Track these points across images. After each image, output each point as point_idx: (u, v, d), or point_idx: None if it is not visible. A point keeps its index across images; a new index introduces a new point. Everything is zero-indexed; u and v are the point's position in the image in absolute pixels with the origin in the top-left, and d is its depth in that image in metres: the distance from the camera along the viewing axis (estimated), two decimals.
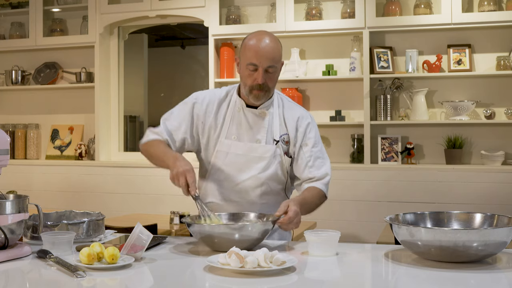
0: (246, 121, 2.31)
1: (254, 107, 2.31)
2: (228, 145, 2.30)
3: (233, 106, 2.33)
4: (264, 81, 2.21)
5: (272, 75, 2.23)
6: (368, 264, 1.91)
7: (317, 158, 2.33)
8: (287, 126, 2.33)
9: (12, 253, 1.84)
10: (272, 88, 2.28)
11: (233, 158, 2.30)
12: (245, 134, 2.30)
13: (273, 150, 2.29)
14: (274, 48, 2.22)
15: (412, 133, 4.42)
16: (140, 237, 1.84)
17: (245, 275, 1.64)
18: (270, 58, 2.20)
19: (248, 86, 2.23)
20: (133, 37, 5.34)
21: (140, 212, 4.59)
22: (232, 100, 2.34)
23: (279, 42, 2.27)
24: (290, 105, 2.39)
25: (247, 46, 2.22)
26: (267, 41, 2.21)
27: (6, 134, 2.04)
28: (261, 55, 2.19)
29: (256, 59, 2.19)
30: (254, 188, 2.29)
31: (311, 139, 2.34)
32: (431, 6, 4.31)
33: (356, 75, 4.38)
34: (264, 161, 2.29)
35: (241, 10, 4.72)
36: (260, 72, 2.20)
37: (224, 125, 2.32)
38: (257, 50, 2.19)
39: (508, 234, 1.73)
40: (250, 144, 2.29)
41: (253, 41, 2.22)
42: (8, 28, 5.29)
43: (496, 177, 4.03)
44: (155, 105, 6.71)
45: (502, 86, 4.28)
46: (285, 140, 2.32)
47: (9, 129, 5.25)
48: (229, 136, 2.31)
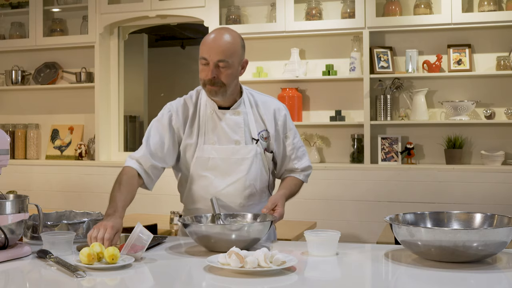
0: (220, 123, 2.28)
1: (226, 108, 2.29)
2: (209, 150, 2.27)
3: (204, 109, 2.30)
4: (215, 76, 2.18)
5: (224, 70, 2.19)
6: (368, 264, 1.91)
7: (299, 148, 2.38)
8: (264, 121, 2.33)
9: (12, 253, 1.84)
10: (228, 84, 2.22)
11: (215, 163, 2.27)
12: (223, 137, 2.28)
13: (254, 149, 2.28)
14: (227, 43, 2.19)
15: (412, 133, 4.42)
16: (141, 237, 1.84)
17: (245, 275, 1.64)
18: (220, 52, 2.17)
19: (202, 80, 2.23)
20: (133, 37, 5.34)
21: (140, 212, 4.59)
22: (202, 103, 2.32)
23: (237, 38, 2.23)
24: (261, 99, 2.37)
25: (202, 41, 2.23)
26: (220, 36, 2.20)
27: (6, 134, 2.04)
28: (210, 48, 2.17)
29: (206, 53, 2.18)
30: (242, 191, 2.28)
31: (291, 130, 2.38)
32: (431, 6, 4.31)
33: (356, 75, 4.38)
34: (247, 162, 2.27)
35: (241, 10, 4.72)
36: (210, 66, 2.18)
37: (200, 130, 2.29)
38: (208, 44, 2.19)
39: (508, 234, 1.73)
40: (231, 147, 2.27)
41: (207, 36, 2.22)
42: (8, 28, 5.29)
43: (496, 177, 4.03)
44: (155, 105, 6.69)
45: (502, 86, 4.28)
46: (264, 136, 2.31)
47: (9, 129, 5.26)
48: (208, 141, 2.28)
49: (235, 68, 2.23)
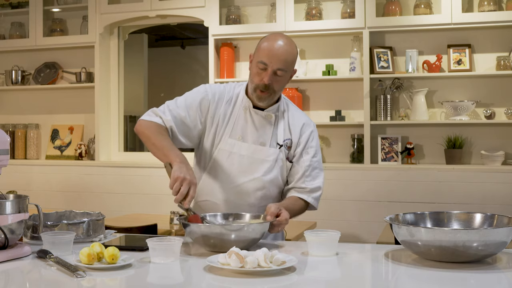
0: (251, 122, 2.29)
1: (260, 109, 2.29)
2: (232, 145, 2.28)
3: (240, 105, 2.30)
4: (271, 83, 2.19)
5: (280, 78, 2.20)
6: (368, 264, 1.91)
7: (315, 168, 2.32)
8: (291, 131, 2.32)
9: (12, 253, 1.84)
10: (277, 91, 2.25)
11: (236, 159, 2.27)
12: (250, 135, 2.28)
13: (276, 153, 2.28)
14: (288, 52, 2.19)
15: (412, 133, 4.42)
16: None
17: (245, 275, 1.64)
18: (282, 60, 2.17)
19: (254, 84, 2.22)
20: (133, 37, 5.34)
21: (140, 212, 4.59)
22: (239, 98, 2.32)
23: (295, 48, 2.24)
24: (295, 111, 2.38)
25: (262, 45, 2.21)
26: (281, 44, 2.19)
27: (6, 134, 2.04)
28: (273, 55, 2.17)
29: (267, 58, 2.17)
30: (255, 191, 2.27)
31: (312, 148, 2.33)
32: (431, 6, 4.31)
33: (356, 75, 4.38)
34: (267, 164, 2.27)
35: (241, 10, 4.72)
36: (268, 72, 2.18)
37: (229, 123, 2.29)
38: (270, 50, 2.18)
39: (508, 234, 1.73)
40: (254, 146, 2.27)
41: (269, 41, 2.21)
42: (8, 28, 5.30)
43: (496, 177, 4.03)
44: (155, 105, 6.66)
45: (502, 86, 4.28)
46: (288, 145, 2.31)
47: (9, 129, 5.26)
48: (234, 136, 2.28)
49: (288, 78, 2.25)
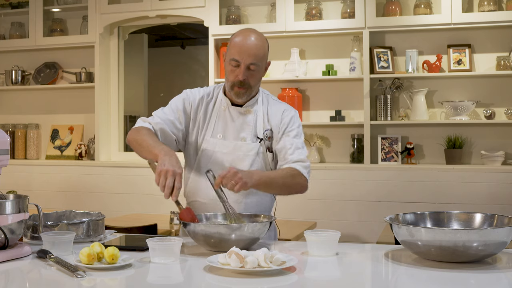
0: (231, 119, 2.33)
1: (239, 106, 2.34)
2: (214, 144, 2.32)
3: (219, 105, 2.36)
4: (245, 78, 2.23)
5: (254, 72, 2.25)
6: (368, 264, 1.91)
7: (297, 148, 2.32)
8: (270, 121, 2.34)
9: (12, 253, 1.84)
10: (254, 86, 2.29)
11: (219, 157, 2.31)
12: (231, 133, 2.33)
13: (257, 148, 2.31)
14: (258, 46, 2.24)
15: (412, 133, 4.42)
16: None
17: (245, 275, 1.64)
18: (252, 55, 2.22)
19: (230, 82, 2.27)
20: (133, 37, 5.34)
21: (140, 212, 4.59)
22: (218, 98, 2.37)
23: (265, 41, 2.29)
24: (275, 102, 2.41)
25: (232, 42, 2.27)
26: (252, 39, 2.24)
27: (6, 134, 2.04)
28: (244, 51, 2.22)
29: (238, 55, 2.22)
30: None
31: (293, 130, 2.34)
32: (431, 6, 4.31)
33: (356, 75, 4.38)
34: (249, 159, 2.30)
35: (241, 10, 4.72)
36: (241, 68, 2.22)
37: (210, 123, 2.34)
38: (241, 46, 2.23)
39: (508, 234, 1.73)
40: (235, 143, 2.31)
41: (238, 38, 2.26)
42: (8, 28, 5.30)
43: (496, 177, 4.03)
44: (155, 105, 6.67)
45: (502, 86, 4.28)
46: (268, 135, 2.34)
47: (9, 129, 5.26)
48: (215, 135, 2.33)
49: (262, 71, 2.30)
